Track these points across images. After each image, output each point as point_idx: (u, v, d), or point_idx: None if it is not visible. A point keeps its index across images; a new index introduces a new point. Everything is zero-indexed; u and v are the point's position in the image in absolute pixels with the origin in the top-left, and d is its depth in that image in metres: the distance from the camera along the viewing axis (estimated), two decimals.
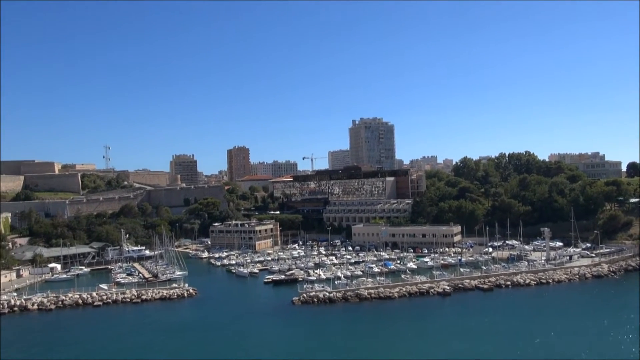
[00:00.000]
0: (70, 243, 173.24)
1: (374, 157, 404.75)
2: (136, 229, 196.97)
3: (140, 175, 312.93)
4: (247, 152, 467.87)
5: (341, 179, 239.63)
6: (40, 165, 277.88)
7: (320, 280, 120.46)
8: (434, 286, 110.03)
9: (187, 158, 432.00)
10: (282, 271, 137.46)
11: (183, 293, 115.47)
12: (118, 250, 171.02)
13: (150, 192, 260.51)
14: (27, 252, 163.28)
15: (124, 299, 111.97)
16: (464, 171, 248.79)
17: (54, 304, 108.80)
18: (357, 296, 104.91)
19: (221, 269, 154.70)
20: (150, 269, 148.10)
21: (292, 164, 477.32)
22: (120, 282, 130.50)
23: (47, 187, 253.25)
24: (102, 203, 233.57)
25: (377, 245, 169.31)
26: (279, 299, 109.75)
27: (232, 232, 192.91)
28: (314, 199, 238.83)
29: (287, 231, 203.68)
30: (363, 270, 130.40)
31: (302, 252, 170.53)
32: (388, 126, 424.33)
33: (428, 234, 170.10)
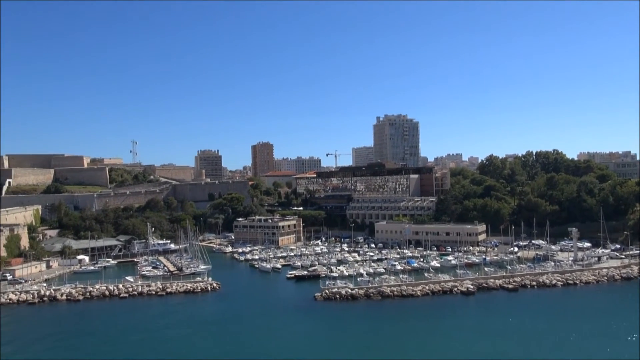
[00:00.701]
0: (97, 236, 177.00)
1: (398, 154, 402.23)
2: (161, 222, 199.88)
3: (166, 169, 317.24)
4: (271, 147, 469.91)
5: (365, 176, 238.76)
6: (69, 159, 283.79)
7: (343, 277, 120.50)
8: (457, 285, 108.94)
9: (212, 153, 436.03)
10: (304, 267, 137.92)
11: (207, 287, 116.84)
12: (144, 244, 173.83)
13: (175, 186, 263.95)
14: (56, 243, 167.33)
15: (149, 292, 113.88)
16: (490, 169, 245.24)
17: (81, 294, 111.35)
18: (379, 293, 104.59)
19: (244, 263, 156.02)
20: (175, 262, 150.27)
21: (316, 160, 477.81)
22: (146, 274, 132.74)
23: (76, 181, 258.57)
24: (129, 197, 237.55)
25: (400, 243, 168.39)
26: (301, 294, 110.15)
27: (255, 228, 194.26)
28: (337, 195, 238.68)
29: (310, 227, 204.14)
30: (386, 268, 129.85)
31: (325, 248, 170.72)
32: (413, 123, 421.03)
33: (452, 233, 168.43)
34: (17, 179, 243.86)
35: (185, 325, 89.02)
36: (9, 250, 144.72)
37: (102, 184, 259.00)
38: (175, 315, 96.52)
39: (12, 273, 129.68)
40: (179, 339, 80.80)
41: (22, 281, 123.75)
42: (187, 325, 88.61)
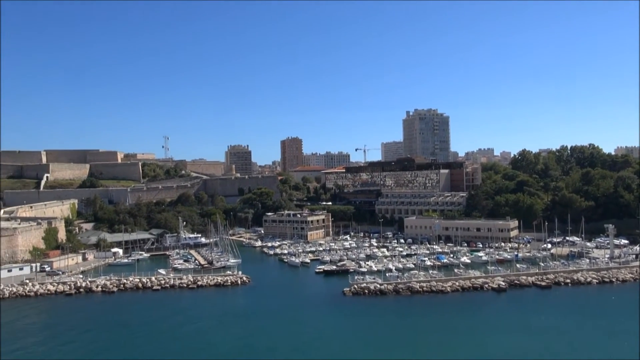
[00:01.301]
0: (131, 229, 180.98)
1: (427, 148, 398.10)
2: (193, 217, 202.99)
3: (197, 164, 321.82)
4: (300, 143, 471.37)
5: (394, 171, 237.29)
6: (104, 155, 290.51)
7: (372, 272, 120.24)
8: (488, 281, 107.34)
9: (241, 148, 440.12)
10: (333, 262, 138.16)
11: (237, 280, 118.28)
12: (175, 237, 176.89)
13: (206, 181, 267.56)
14: (92, 236, 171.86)
15: (180, 284, 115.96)
16: (522, 164, 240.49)
17: (116, 286, 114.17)
18: (408, 289, 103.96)
19: (274, 258, 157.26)
20: (206, 256, 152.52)
21: (345, 155, 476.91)
22: (177, 267, 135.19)
23: (111, 175, 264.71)
24: (161, 191, 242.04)
25: (430, 239, 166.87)
26: (329, 289, 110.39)
27: (284, 222, 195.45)
28: (366, 190, 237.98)
29: (339, 222, 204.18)
30: (415, 263, 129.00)
31: (354, 243, 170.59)
32: (443, 117, 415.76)
33: (483, 228, 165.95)
34: (54, 173, 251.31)
35: (215, 318, 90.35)
36: (47, 243, 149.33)
37: (135, 179, 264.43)
38: (206, 308, 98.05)
39: (50, 265, 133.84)
40: (209, 332, 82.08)
41: (59, 273, 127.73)
42: (217, 318, 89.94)
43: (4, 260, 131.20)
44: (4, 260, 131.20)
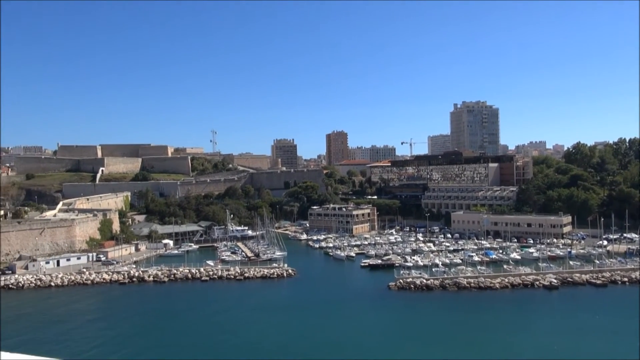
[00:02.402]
0: (181, 221, 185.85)
1: (476, 142, 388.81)
2: (240, 209, 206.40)
3: (243, 158, 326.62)
4: (345, 136, 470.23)
5: (441, 165, 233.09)
6: (155, 149, 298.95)
7: (417, 267, 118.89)
8: (539, 279, 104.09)
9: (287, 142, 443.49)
10: (378, 256, 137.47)
11: (283, 273, 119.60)
12: (223, 230, 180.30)
13: (252, 175, 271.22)
14: (144, 228, 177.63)
15: (228, 276, 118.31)
16: (577, 157, 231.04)
17: (167, 277, 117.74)
18: (455, 285, 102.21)
19: (319, 251, 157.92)
20: (253, 248, 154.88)
21: (390, 148, 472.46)
22: (225, 259, 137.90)
23: (161, 169, 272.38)
24: (209, 184, 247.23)
25: (478, 234, 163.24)
26: (375, 283, 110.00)
27: (329, 216, 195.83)
28: (412, 184, 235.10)
29: (384, 216, 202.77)
30: (462, 259, 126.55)
31: (399, 237, 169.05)
32: (492, 110, 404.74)
33: (534, 224, 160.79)
34: (109, 167, 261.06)
35: (262, 309, 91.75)
36: (103, 234, 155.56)
37: (185, 172, 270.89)
38: (253, 299, 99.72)
39: (105, 255, 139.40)
40: (255, 323, 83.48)
41: (114, 262, 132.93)
42: (263, 310, 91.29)
43: (63, 250, 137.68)
44: (63, 250, 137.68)
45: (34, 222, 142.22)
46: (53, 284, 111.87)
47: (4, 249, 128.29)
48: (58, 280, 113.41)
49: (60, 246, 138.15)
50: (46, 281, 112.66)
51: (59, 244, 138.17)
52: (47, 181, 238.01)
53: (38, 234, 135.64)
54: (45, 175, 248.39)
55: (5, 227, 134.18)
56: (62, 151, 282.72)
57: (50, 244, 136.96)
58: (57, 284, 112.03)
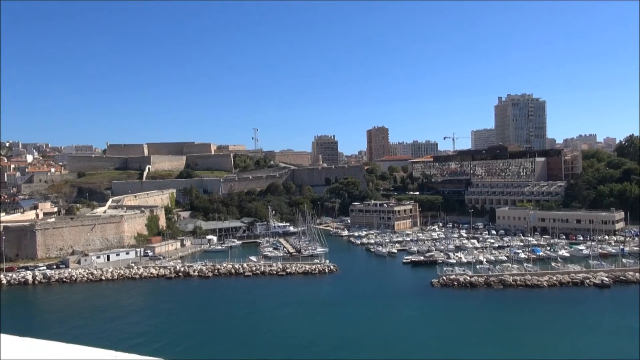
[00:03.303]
0: (224, 217, 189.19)
1: (521, 136, 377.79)
2: (281, 206, 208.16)
3: (285, 155, 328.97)
4: (386, 132, 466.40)
5: (485, 160, 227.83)
6: (199, 146, 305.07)
7: (461, 264, 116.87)
8: (590, 277, 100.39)
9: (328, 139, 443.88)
10: (420, 252, 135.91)
11: (324, 269, 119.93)
12: (265, 226, 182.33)
13: (294, 171, 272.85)
14: (189, 224, 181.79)
15: (270, 271, 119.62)
16: (630, 151, 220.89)
17: (211, 272, 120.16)
18: (500, 282, 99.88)
19: (360, 247, 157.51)
20: (294, 244, 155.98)
21: (433, 144, 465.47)
22: (267, 255, 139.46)
23: (205, 166, 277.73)
24: (252, 181, 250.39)
25: (524, 230, 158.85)
26: (417, 280, 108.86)
27: (371, 212, 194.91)
28: (455, 180, 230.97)
29: (427, 212, 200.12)
30: (508, 256, 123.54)
31: (442, 234, 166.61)
32: (539, 102, 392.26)
33: (584, 220, 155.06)
34: (155, 165, 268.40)
35: (303, 305, 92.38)
36: (150, 230, 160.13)
37: (228, 169, 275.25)
38: (295, 295, 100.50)
39: (152, 250, 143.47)
40: (297, 318, 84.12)
41: (160, 257, 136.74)
42: (305, 305, 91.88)
43: (113, 245, 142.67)
44: (113, 245, 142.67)
45: (85, 219, 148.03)
46: (104, 278, 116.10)
47: (58, 244, 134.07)
48: (108, 274, 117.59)
49: (110, 241, 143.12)
50: (97, 275, 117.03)
51: (108, 240, 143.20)
52: (97, 179, 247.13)
53: (89, 230, 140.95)
54: (95, 173, 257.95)
55: (59, 223, 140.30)
56: (111, 150, 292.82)
57: (101, 239, 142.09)
58: (107, 278, 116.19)
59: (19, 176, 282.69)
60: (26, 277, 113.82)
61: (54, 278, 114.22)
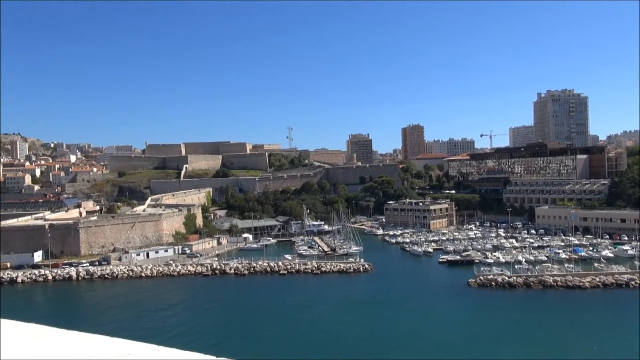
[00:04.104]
0: (259, 216, 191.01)
1: (562, 132, 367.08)
2: (316, 205, 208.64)
3: (319, 154, 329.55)
4: (421, 130, 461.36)
5: (523, 157, 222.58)
6: (234, 146, 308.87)
7: (499, 264, 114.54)
8: (635, 278, 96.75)
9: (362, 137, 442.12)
10: (457, 252, 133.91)
11: (359, 267, 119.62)
12: (300, 224, 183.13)
13: (328, 170, 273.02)
14: (225, 222, 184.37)
15: (305, 270, 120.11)
16: None
17: (247, 270, 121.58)
18: (540, 283, 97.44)
19: (395, 246, 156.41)
20: (329, 242, 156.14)
21: (469, 141, 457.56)
22: (302, 253, 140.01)
23: (240, 165, 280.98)
24: (286, 180, 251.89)
25: (565, 230, 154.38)
26: (454, 279, 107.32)
27: (406, 211, 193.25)
28: (492, 178, 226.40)
29: (463, 211, 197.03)
30: (548, 256, 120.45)
31: (479, 233, 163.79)
32: (580, 98, 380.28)
33: (629, 219, 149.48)
34: (192, 164, 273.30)
35: (339, 303, 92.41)
36: (187, 228, 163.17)
37: (263, 168, 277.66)
38: (330, 294, 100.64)
39: (190, 248, 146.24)
40: (332, 316, 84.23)
41: (197, 255, 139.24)
42: (341, 304, 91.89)
43: (152, 243, 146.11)
44: (152, 243, 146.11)
45: (125, 217, 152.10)
46: (143, 275, 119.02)
47: (100, 241, 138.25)
48: (148, 271, 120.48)
49: (149, 239, 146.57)
50: (137, 272, 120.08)
51: (148, 237, 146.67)
52: (136, 178, 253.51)
53: (129, 228, 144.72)
54: (135, 172, 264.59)
55: (101, 222, 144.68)
56: (149, 150, 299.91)
57: (141, 237, 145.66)
58: (146, 275, 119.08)
59: (63, 176, 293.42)
60: (70, 273, 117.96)
61: (96, 274, 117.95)
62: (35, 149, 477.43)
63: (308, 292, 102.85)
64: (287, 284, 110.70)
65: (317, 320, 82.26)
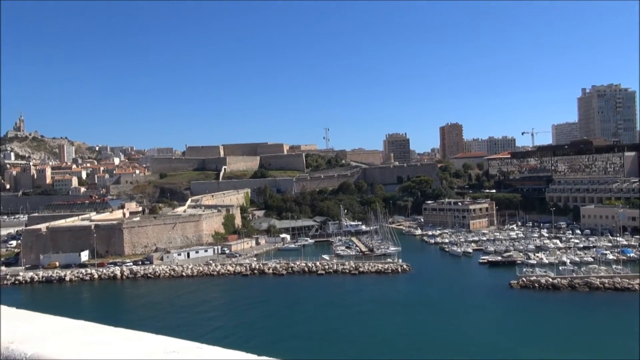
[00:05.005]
0: (297, 216, 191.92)
1: (608, 129, 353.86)
2: (353, 205, 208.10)
3: (356, 154, 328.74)
4: (460, 128, 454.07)
5: (567, 155, 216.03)
6: (272, 147, 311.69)
7: (542, 265, 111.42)
8: None
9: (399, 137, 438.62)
10: (498, 252, 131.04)
11: (397, 268, 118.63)
12: (337, 225, 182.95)
13: (365, 170, 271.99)
14: (263, 223, 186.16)
15: (343, 270, 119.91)
16: None
17: (285, 269, 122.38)
18: (586, 285, 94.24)
19: (434, 247, 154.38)
20: (366, 243, 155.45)
21: (510, 139, 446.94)
22: (340, 254, 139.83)
23: (278, 166, 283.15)
24: (323, 180, 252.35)
25: (612, 230, 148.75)
26: (495, 281, 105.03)
27: (445, 211, 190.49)
28: (534, 177, 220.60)
29: (504, 211, 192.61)
30: (594, 257, 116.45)
31: (521, 233, 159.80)
32: (628, 93, 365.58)
33: None
34: (230, 165, 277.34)
35: (377, 304, 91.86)
36: (226, 228, 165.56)
37: (300, 169, 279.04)
38: (368, 294, 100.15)
39: (229, 248, 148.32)
40: (371, 317, 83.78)
41: (237, 255, 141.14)
42: (379, 304, 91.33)
43: (192, 243, 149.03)
44: (192, 243, 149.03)
45: (167, 217, 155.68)
46: (184, 274, 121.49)
47: (142, 241, 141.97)
48: (188, 270, 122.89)
49: (189, 239, 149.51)
50: (178, 271, 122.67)
51: (188, 237, 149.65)
52: (177, 179, 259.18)
53: (171, 228, 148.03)
54: (175, 174, 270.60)
55: (144, 222, 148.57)
56: (189, 152, 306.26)
57: (181, 237, 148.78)
58: (187, 274, 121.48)
59: (107, 178, 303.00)
60: (115, 272, 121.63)
61: (139, 274, 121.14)
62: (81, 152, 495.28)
63: (346, 293, 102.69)
64: (325, 284, 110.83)
65: (355, 320, 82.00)
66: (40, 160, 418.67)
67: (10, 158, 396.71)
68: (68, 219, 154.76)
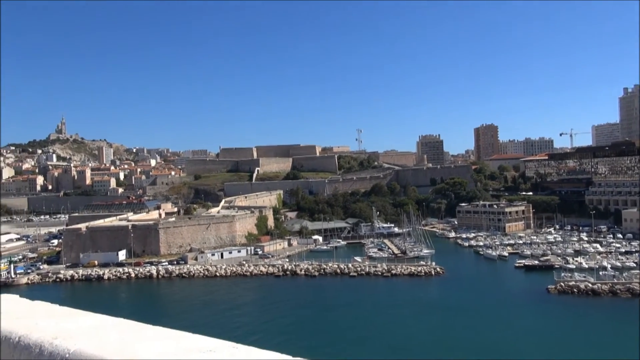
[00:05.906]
0: (329, 218, 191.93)
1: None
2: (385, 207, 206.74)
3: (388, 155, 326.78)
4: (495, 129, 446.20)
5: (608, 157, 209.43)
6: (304, 149, 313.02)
7: (581, 269, 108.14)
8: None
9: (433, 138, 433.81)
10: (535, 256, 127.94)
11: (430, 271, 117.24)
12: (370, 227, 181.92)
13: (398, 172, 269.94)
14: (295, 224, 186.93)
15: (375, 272, 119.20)
16: None
17: (317, 271, 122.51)
18: (628, 291, 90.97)
19: (468, 250, 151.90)
20: (399, 245, 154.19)
21: (547, 141, 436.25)
22: (372, 256, 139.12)
23: (310, 168, 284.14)
24: (356, 182, 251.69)
25: None
26: (531, 285, 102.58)
27: (479, 213, 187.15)
28: (573, 179, 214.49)
29: (541, 214, 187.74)
30: (637, 262, 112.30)
31: (559, 237, 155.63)
32: None
33: None
34: (263, 167, 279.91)
35: (410, 307, 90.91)
36: (259, 229, 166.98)
37: (332, 170, 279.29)
38: (401, 297, 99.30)
39: (261, 249, 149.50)
40: (403, 320, 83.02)
41: (269, 256, 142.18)
42: (412, 308, 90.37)
43: (226, 243, 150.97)
44: (226, 243, 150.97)
45: (201, 218, 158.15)
46: (218, 274, 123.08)
47: (178, 241, 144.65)
48: (222, 271, 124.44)
49: (223, 240, 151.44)
50: (212, 271, 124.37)
51: (222, 238, 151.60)
52: (211, 181, 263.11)
53: (205, 229, 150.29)
54: (209, 175, 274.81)
55: (179, 223, 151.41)
56: (223, 153, 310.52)
57: (215, 237, 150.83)
58: (221, 275, 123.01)
59: (144, 179, 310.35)
60: (151, 271, 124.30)
61: (174, 273, 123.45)
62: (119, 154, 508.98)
63: (378, 295, 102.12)
64: (357, 286, 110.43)
65: (388, 323, 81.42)
66: (80, 162, 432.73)
67: (53, 160, 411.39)
68: (106, 219, 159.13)
